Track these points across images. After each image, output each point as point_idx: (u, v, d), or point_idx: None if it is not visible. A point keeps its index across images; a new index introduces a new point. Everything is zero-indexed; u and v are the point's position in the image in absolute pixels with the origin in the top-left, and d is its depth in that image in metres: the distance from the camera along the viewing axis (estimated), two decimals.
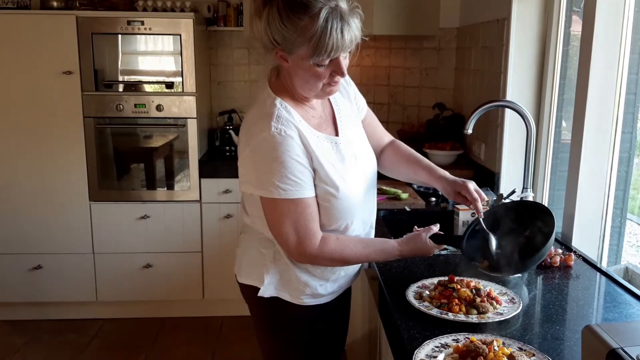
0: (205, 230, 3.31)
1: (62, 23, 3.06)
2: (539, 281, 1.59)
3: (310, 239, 1.39)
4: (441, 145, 2.84)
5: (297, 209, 1.37)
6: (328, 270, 1.52)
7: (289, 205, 1.37)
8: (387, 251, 1.49)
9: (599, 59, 1.79)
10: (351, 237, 1.48)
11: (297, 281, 1.50)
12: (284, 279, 1.50)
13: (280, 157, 1.34)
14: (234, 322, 3.39)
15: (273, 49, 1.34)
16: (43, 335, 3.26)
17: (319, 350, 1.65)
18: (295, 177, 1.35)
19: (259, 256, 1.52)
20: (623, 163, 1.91)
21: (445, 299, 1.37)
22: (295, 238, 1.39)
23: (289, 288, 1.51)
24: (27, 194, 3.23)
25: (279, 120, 1.36)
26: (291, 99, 1.44)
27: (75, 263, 3.31)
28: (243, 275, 1.57)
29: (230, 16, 3.50)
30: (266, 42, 1.34)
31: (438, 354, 1.15)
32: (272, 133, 1.34)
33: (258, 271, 1.51)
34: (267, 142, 1.34)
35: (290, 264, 1.48)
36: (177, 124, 3.22)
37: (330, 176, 1.41)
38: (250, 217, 1.53)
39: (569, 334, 1.27)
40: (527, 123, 1.96)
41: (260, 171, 1.37)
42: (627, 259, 1.96)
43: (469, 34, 2.89)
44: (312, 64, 1.32)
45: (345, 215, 1.46)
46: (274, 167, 1.34)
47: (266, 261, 1.50)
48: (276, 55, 1.36)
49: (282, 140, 1.34)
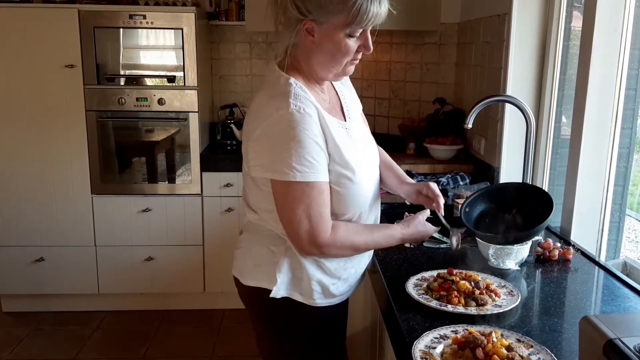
0: (207, 223, 3.33)
1: (64, 16, 3.07)
2: (537, 274, 1.61)
3: (323, 225, 1.32)
4: (441, 140, 2.86)
5: (311, 193, 1.30)
6: (341, 267, 1.47)
7: (304, 189, 1.29)
8: (393, 235, 1.47)
9: (599, 54, 1.80)
10: (358, 224, 1.44)
11: (310, 280, 1.43)
12: (296, 278, 1.43)
13: (298, 136, 1.26)
14: (235, 315, 3.41)
15: (300, 21, 1.29)
16: (45, 327, 3.28)
17: (326, 353, 1.60)
18: (313, 158, 1.29)
19: (267, 255, 1.44)
20: (622, 159, 1.92)
21: (444, 291, 1.38)
22: (308, 225, 1.31)
23: (301, 288, 1.44)
24: (29, 186, 3.25)
25: (297, 97, 1.30)
26: (304, 81, 1.38)
27: (78, 256, 3.33)
28: (248, 277, 1.48)
29: (232, 10, 3.51)
30: (294, 14, 1.29)
31: (437, 345, 1.16)
32: (290, 110, 1.27)
33: (267, 271, 1.43)
34: (284, 120, 1.27)
35: (303, 261, 1.41)
36: (178, 118, 3.23)
37: (347, 158, 1.36)
38: (258, 212, 1.45)
39: (566, 326, 1.29)
40: (527, 118, 1.97)
41: (275, 152, 1.29)
42: (625, 254, 1.97)
43: (469, 29, 2.90)
44: (344, 35, 1.30)
45: (359, 202, 1.43)
46: (290, 146, 1.26)
47: (277, 259, 1.42)
48: (302, 29, 1.30)
49: (300, 118, 1.28)
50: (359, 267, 1.54)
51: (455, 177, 2.53)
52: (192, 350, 3.07)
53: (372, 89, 3.47)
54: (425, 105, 3.25)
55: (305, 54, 1.36)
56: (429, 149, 2.87)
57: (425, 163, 2.77)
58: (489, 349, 1.10)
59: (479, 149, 2.71)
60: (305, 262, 1.42)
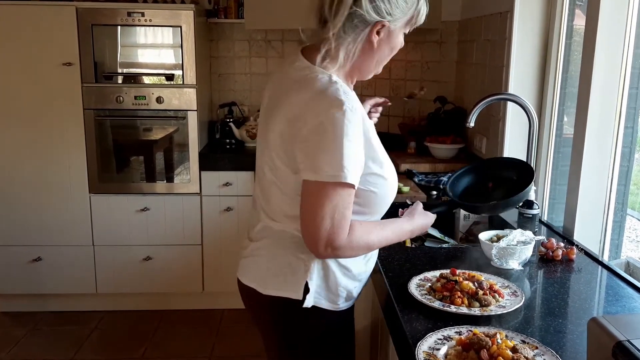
0: (206, 223, 3.31)
1: (62, 14, 3.04)
2: (541, 274, 1.59)
3: (343, 227, 1.28)
4: (442, 139, 2.84)
5: (343, 194, 1.26)
6: (362, 270, 1.45)
7: (337, 189, 1.25)
8: (402, 229, 1.47)
9: (603, 53, 1.78)
10: (370, 222, 1.40)
11: (337, 286, 1.40)
12: (325, 285, 1.40)
13: (350, 136, 1.23)
14: (234, 315, 3.39)
15: (373, 23, 1.29)
16: (43, 327, 3.26)
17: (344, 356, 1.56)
18: (357, 159, 1.27)
19: (295, 263, 1.38)
20: (624, 158, 1.90)
21: (447, 292, 1.36)
22: (330, 225, 1.26)
23: (328, 294, 1.41)
24: (27, 185, 3.23)
25: (348, 96, 1.26)
26: (343, 80, 1.35)
27: (75, 255, 3.31)
28: (270, 287, 1.40)
29: (231, 8, 3.49)
30: (370, 17, 1.28)
31: (441, 347, 1.15)
32: (344, 109, 1.23)
33: (293, 280, 1.37)
34: (339, 119, 1.22)
35: (333, 268, 1.38)
36: (177, 116, 3.21)
37: (381, 158, 1.36)
38: (280, 220, 1.40)
39: (571, 327, 1.27)
40: (530, 117, 1.95)
41: (322, 151, 1.24)
42: (626, 254, 1.96)
43: (471, 27, 2.88)
44: (402, 34, 1.36)
45: (389, 200, 1.42)
46: (343, 146, 1.22)
47: (308, 267, 1.37)
48: (372, 31, 1.30)
49: (352, 117, 1.24)
50: (370, 267, 1.52)
51: None
52: (191, 350, 3.05)
53: (372, 87, 3.45)
54: (425, 103, 3.23)
55: (349, 51, 1.33)
56: (430, 148, 2.86)
57: (426, 162, 2.75)
58: (493, 350, 1.08)
59: (480, 148, 2.69)
60: (334, 268, 1.39)
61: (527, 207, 1.91)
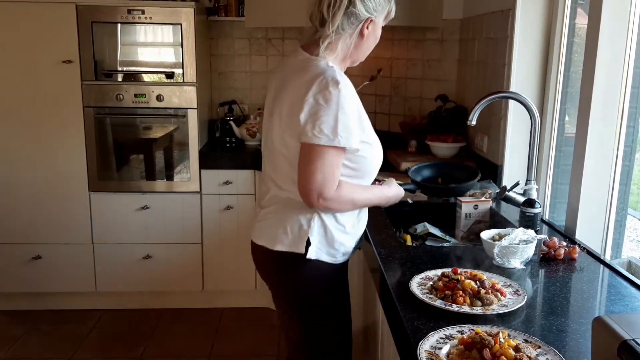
0: (205, 221, 3.30)
1: (62, 11, 3.03)
2: (543, 273, 1.58)
3: (333, 182, 1.55)
4: (443, 138, 2.83)
5: (334, 155, 1.53)
6: (355, 226, 1.71)
7: (330, 151, 1.52)
8: (383, 193, 1.78)
9: (605, 51, 1.77)
10: (355, 183, 1.65)
11: (334, 242, 1.66)
12: (324, 241, 1.65)
13: (345, 109, 1.51)
14: (233, 314, 3.39)
15: (364, 20, 1.58)
16: (42, 326, 3.25)
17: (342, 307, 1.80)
18: (350, 128, 1.53)
19: (298, 222, 1.63)
20: (625, 157, 1.90)
21: (449, 291, 1.35)
22: (322, 179, 1.53)
23: (329, 249, 1.66)
24: (26, 184, 3.21)
25: (342, 77, 1.54)
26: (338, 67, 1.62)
27: (75, 253, 3.30)
28: (279, 243, 1.64)
29: (231, 6, 3.47)
30: (362, 14, 1.57)
31: (443, 346, 1.14)
32: (339, 87, 1.50)
33: (299, 237, 1.63)
34: (334, 94, 1.50)
35: (330, 227, 1.64)
36: (177, 115, 3.20)
37: (368, 127, 1.64)
38: (287, 188, 1.64)
39: (574, 326, 1.26)
40: (532, 115, 1.94)
41: (321, 121, 1.50)
42: (627, 254, 1.95)
43: (472, 25, 2.87)
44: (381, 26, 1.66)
45: (375, 163, 1.70)
46: (336, 116, 1.50)
47: (309, 227, 1.62)
48: (364, 26, 1.60)
49: (346, 93, 1.52)
50: (364, 223, 1.78)
51: None
52: (190, 349, 3.04)
53: (372, 85, 3.43)
54: (426, 102, 3.22)
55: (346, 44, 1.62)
56: (431, 147, 2.85)
57: (427, 161, 2.73)
58: (496, 349, 1.08)
59: (481, 147, 2.68)
60: (331, 227, 1.64)
61: (529, 206, 1.90)
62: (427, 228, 2.07)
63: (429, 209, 2.26)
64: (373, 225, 1.95)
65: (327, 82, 1.51)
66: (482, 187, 2.22)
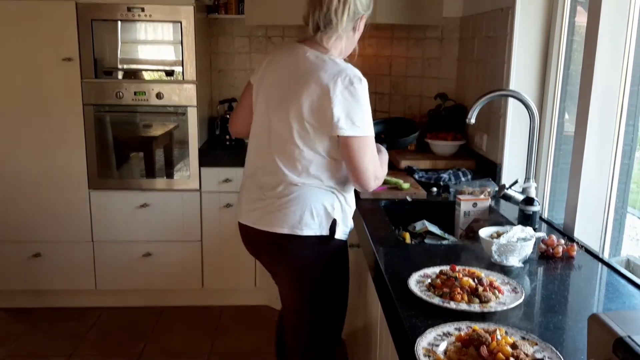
0: (205, 219, 3.30)
1: (62, 9, 3.03)
2: (541, 271, 1.58)
3: (379, 165, 1.80)
4: (443, 136, 2.83)
5: (372, 141, 1.75)
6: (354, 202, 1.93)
7: (370, 140, 1.74)
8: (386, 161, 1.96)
9: (604, 50, 1.77)
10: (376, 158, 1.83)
11: (347, 220, 1.87)
12: (343, 222, 1.84)
13: (368, 101, 1.72)
14: (233, 312, 3.39)
15: (359, 17, 1.78)
16: (42, 323, 3.25)
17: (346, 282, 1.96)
18: (370, 117, 1.74)
19: (325, 207, 1.79)
20: (625, 156, 1.90)
21: (447, 288, 1.36)
22: (374, 165, 1.76)
23: (344, 228, 1.85)
24: (26, 181, 3.22)
25: (357, 70, 1.71)
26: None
27: (75, 251, 3.30)
28: (307, 229, 1.77)
29: (231, 4, 3.47)
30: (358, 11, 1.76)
31: (440, 343, 1.14)
32: (362, 82, 1.69)
33: (325, 221, 1.79)
34: (360, 89, 1.68)
35: (345, 207, 1.85)
36: (177, 112, 3.20)
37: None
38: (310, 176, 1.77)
39: (571, 324, 1.26)
40: (531, 114, 1.94)
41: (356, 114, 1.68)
42: (626, 252, 1.95)
43: (472, 24, 2.87)
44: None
45: None
46: (367, 110, 1.71)
47: (333, 210, 1.80)
48: (359, 22, 1.79)
49: (366, 87, 1.71)
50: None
51: (457, 173, 2.50)
52: (190, 347, 3.05)
53: (372, 84, 3.43)
54: (426, 100, 3.22)
55: (346, 41, 1.80)
56: (431, 145, 2.85)
57: (426, 159, 2.74)
58: (493, 346, 1.08)
59: (481, 145, 2.68)
60: (345, 207, 1.85)
61: (528, 204, 1.90)
62: (426, 226, 2.07)
63: (428, 206, 2.26)
64: (372, 223, 1.96)
65: (350, 79, 1.67)
66: (481, 185, 2.23)
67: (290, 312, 1.96)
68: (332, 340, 1.99)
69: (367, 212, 2.09)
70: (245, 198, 1.90)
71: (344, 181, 1.82)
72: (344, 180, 1.82)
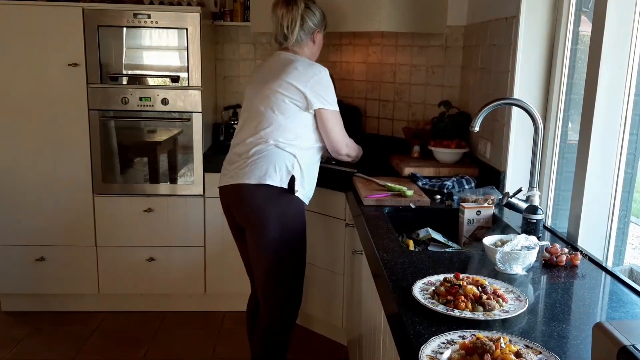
0: (208, 224, 3.31)
1: (69, 15, 3.06)
2: (544, 280, 1.59)
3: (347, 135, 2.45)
4: (446, 143, 2.83)
5: (340, 117, 2.40)
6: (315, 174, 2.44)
7: (338, 113, 2.39)
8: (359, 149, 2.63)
9: (608, 59, 1.78)
10: None
11: (305, 183, 2.34)
12: (302, 182, 2.31)
13: (332, 85, 2.36)
14: (235, 317, 3.39)
15: (314, 31, 2.44)
16: (45, 327, 3.26)
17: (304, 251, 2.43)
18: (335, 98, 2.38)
19: (286, 165, 2.27)
20: (628, 165, 1.90)
21: (451, 296, 1.36)
22: (344, 134, 2.43)
23: (303, 190, 2.32)
24: (31, 185, 3.23)
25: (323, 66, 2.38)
26: None
27: (78, 255, 3.31)
28: (270, 179, 2.23)
29: (236, 11, 3.50)
30: (312, 27, 2.43)
31: (444, 350, 1.14)
32: (327, 71, 2.36)
33: (286, 176, 2.26)
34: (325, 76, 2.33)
35: (304, 172, 2.32)
36: (182, 118, 3.22)
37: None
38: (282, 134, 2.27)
39: (575, 333, 1.27)
40: (535, 122, 1.95)
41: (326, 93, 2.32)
42: (629, 261, 1.95)
43: (476, 32, 2.88)
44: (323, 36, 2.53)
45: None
46: (332, 90, 2.35)
47: (293, 168, 2.27)
48: (314, 35, 2.45)
49: (329, 75, 2.37)
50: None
51: (461, 180, 2.51)
52: (192, 352, 3.05)
53: (376, 91, 3.45)
54: (430, 108, 3.23)
55: (308, 50, 2.48)
56: (434, 152, 2.85)
57: (430, 166, 2.74)
58: (497, 354, 1.08)
59: (484, 153, 2.69)
60: (305, 171, 2.33)
61: (531, 213, 1.90)
62: (429, 233, 2.08)
63: (432, 214, 2.27)
64: (376, 230, 1.96)
65: (319, 68, 2.33)
66: (484, 193, 2.23)
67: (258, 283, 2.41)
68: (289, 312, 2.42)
69: (371, 219, 2.09)
70: (225, 167, 2.40)
71: (304, 148, 2.32)
72: (305, 148, 2.32)
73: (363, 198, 2.30)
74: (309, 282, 2.91)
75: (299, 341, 3.10)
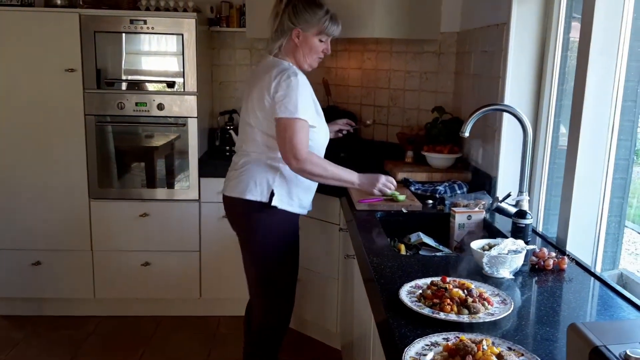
0: (204, 229, 3.32)
1: (66, 21, 3.09)
2: (531, 283, 1.60)
3: (302, 146, 2.13)
4: (439, 149, 2.85)
5: (299, 125, 2.12)
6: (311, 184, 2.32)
7: (296, 122, 2.11)
8: (352, 175, 2.30)
9: (596, 65, 1.80)
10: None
11: (292, 195, 2.28)
12: (286, 194, 2.26)
13: (300, 91, 2.13)
14: (230, 322, 3.40)
15: (292, 29, 2.23)
16: (41, 331, 3.27)
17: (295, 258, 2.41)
18: (307, 105, 2.15)
19: (266, 180, 2.23)
20: (622, 170, 1.91)
21: (437, 299, 1.38)
22: (293, 144, 2.11)
23: (289, 200, 2.28)
24: (27, 190, 3.25)
25: (298, 72, 2.20)
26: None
27: (74, 260, 3.33)
28: (250, 194, 2.23)
29: (232, 17, 3.52)
30: (289, 25, 2.23)
31: (428, 352, 1.16)
32: (298, 77, 2.14)
33: (266, 190, 2.23)
34: (293, 81, 2.12)
35: (290, 184, 2.26)
36: (177, 123, 3.24)
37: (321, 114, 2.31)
38: (261, 147, 2.23)
39: (559, 335, 1.28)
40: (524, 128, 1.97)
41: (286, 100, 2.10)
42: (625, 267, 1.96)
43: (469, 39, 2.90)
44: (317, 40, 2.28)
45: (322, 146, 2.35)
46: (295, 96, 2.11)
47: (273, 183, 2.23)
48: (293, 34, 2.24)
49: (301, 81, 2.15)
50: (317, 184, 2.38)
51: (453, 185, 2.53)
52: (187, 356, 3.06)
53: (371, 96, 3.47)
54: (424, 113, 3.25)
55: (292, 51, 2.28)
56: (427, 157, 2.87)
57: (423, 171, 2.77)
58: (479, 356, 1.10)
59: (476, 158, 2.71)
60: (291, 184, 2.26)
61: (520, 217, 1.92)
62: (421, 238, 2.09)
63: (424, 218, 2.28)
64: (368, 234, 1.98)
65: (288, 74, 2.14)
66: (476, 198, 2.25)
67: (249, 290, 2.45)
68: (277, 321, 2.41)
69: (363, 223, 2.11)
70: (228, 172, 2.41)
71: None
72: None
73: (356, 203, 2.32)
74: (303, 287, 2.92)
75: (294, 345, 3.11)
